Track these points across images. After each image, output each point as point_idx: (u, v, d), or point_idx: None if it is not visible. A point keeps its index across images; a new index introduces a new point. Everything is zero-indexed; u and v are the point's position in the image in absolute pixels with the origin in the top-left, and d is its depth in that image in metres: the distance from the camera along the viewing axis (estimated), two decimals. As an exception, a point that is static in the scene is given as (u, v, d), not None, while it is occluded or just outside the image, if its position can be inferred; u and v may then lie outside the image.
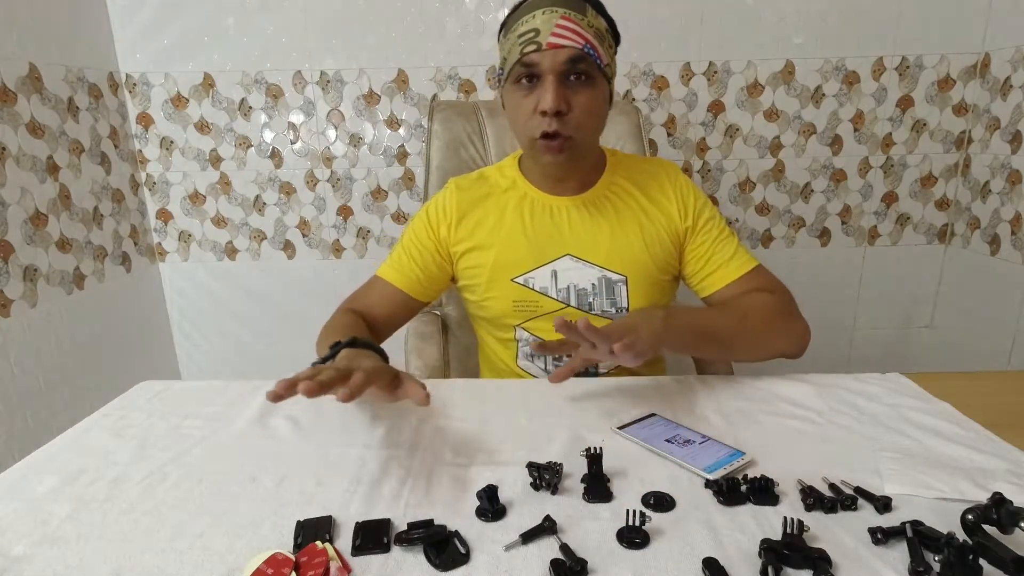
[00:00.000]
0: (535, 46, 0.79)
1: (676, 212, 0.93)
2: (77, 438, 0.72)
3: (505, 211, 0.94)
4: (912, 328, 1.94)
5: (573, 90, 0.81)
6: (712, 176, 1.80)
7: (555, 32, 0.78)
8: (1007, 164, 1.62)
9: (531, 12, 0.81)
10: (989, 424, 0.71)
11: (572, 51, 0.79)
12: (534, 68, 0.80)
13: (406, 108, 1.74)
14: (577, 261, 0.92)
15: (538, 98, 0.81)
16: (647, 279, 0.92)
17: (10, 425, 1.33)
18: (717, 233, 0.93)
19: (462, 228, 0.94)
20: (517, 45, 0.81)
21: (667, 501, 0.57)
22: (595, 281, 0.91)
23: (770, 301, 0.88)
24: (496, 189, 0.96)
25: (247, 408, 0.79)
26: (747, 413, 0.75)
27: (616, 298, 0.92)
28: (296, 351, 1.95)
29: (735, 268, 0.91)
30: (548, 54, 0.79)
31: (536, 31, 0.79)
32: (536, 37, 0.79)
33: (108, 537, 0.54)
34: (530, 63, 0.80)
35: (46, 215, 1.45)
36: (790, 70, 1.71)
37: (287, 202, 1.83)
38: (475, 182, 0.98)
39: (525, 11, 0.82)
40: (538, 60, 0.80)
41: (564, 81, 0.80)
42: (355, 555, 0.51)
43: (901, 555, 0.49)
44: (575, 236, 0.92)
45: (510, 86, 0.85)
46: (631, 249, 0.91)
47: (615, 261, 0.91)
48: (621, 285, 0.91)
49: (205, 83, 1.71)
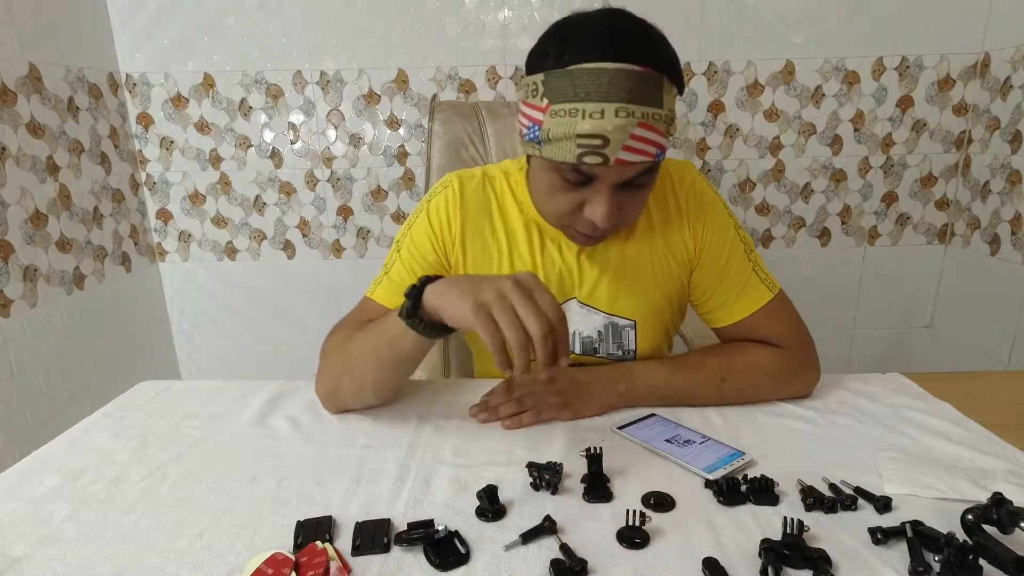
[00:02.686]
0: (600, 159, 0.62)
1: (687, 237, 0.81)
2: (77, 438, 0.72)
3: (512, 241, 0.81)
4: (912, 328, 1.94)
5: (629, 193, 0.69)
6: (712, 176, 1.80)
7: (628, 146, 0.62)
8: (1007, 164, 1.62)
9: (598, 102, 0.61)
10: (989, 424, 0.71)
11: (642, 166, 0.65)
12: (590, 174, 0.66)
13: (406, 108, 1.74)
14: (583, 307, 0.82)
15: (584, 198, 0.68)
16: (656, 319, 0.84)
17: (10, 425, 1.33)
18: (726, 261, 0.80)
19: (467, 242, 0.81)
20: (573, 144, 0.62)
21: (667, 501, 0.57)
22: (601, 328, 0.83)
23: (767, 360, 0.78)
24: (503, 205, 0.82)
25: (247, 408, 0.79)
26: (747, 413, 0.75)
27: (623, 342, 0.84)
28: (296, 351, 1.96)
29: (742, 307, 0.80)
30: (614, 170, 0.64)
31: (604, 140, 0.61)
32: (602, 148, 0.62)
33: (108, 537, 0.54)
34: (588, 172, 0.66)
35: (46, 215, 1.45)
36: (790, 70, 1.71)
37: (287, 202, 1.83)
38: (479, 186, 0.83)
39: (589, 91, 0.61)
40: (600, 173, 0.65)
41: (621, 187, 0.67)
42: (355, 555, 0.51)
43: (901, 555, 0.49)
44: (583, 279, 0.81)
45: (546, 166, 0.68)
46: (642, 289, 0.81)
47: (624, 306, 0.82)
48: (629, 330, 0.83)
49: (205, 83, 1.71)
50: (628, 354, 0.85)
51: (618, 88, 0.61)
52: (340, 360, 0.76)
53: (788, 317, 0.81)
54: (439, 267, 0.82)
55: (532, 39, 0.69)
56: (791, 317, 0.81)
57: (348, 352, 0.75)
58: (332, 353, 0.77)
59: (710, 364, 0.78)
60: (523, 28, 1.66)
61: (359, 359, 0.73)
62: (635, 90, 0.61)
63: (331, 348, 0.78)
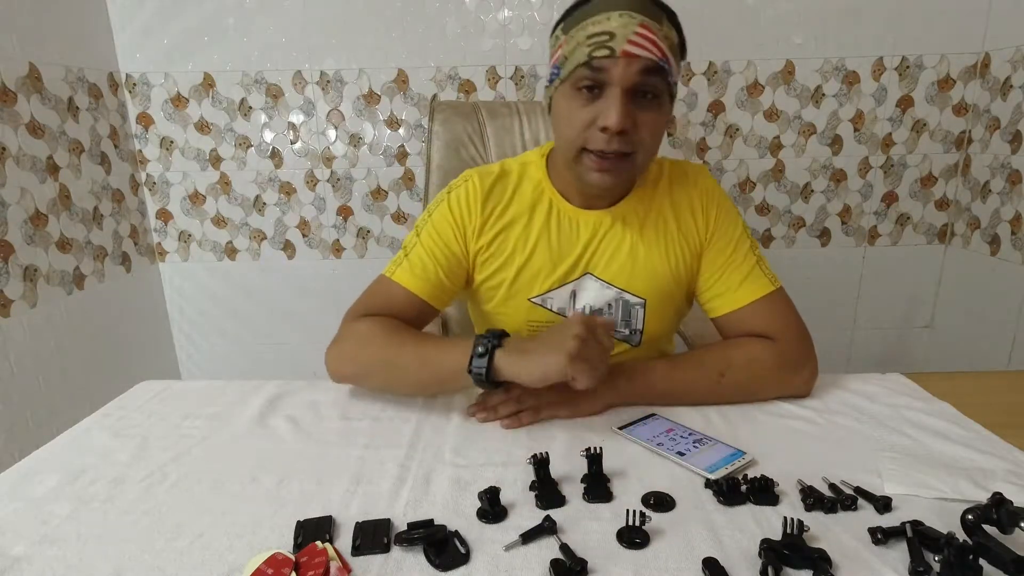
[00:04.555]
0: (607, 51, 0.69)
1: (699, 225, 0.85)
2: (77, 438, 0.72)
3: (531, 224, 0.85)
4: (912, 328, 1.94)
5: (640, 107, 0.73)
6: (712, 176, 1.80)
7: (632, 39, 0.69)
8: (1007, 164, 1.62)
9: (604, 12, 0.71)
10: (989, 424, 0.71)
11: (648, 62, 0.70)
12: (601, 75, 0.71)
13: (406, 108, 1.74)
14: (598, 281, 0.85)
15: (598, 111, 0.72)
16: (666, 300, 0.86)
17: (10, 425, 1.33)
18: (732, 251, 0.83)
19: (485, 234, 0.85)
20: (585, 46, 0.71)
21: (667, 501, 0.57)
22: (612, 301, 0.85)
23: (765, 353, 0.79)
24: (520, 192, 0.86)
25: (247, 408, 0.79)
26: (747, 413, 0.75)
27: (632, 320, 0.86)
28: (296, 351, 1.96)
29: (744, 294, 0.82)
30: (621, 62, 0.70)
31: (610, 34, 0.69)
32: (609, 41, 0.69)
33: (108, 537, 0.54)
34: (599, 68, 0.71)
35: (46, 215, 1.44)
36: (790, 70, 1.71)
37: (287, 202, 1.83)
38: (498, 180, 0.86)
39: (597, 8, 0.72)
40: (608, 67, 0.70)
41: (632, 97, 0.72)
42: (355, 555, 0.51)
43: (901, 555, 0.49)
44: (599, 254, 0.85)
45: (567, 90, 0.75)
46: (654, 270, 0.84)
47: (637, 283, 0.85)
48: (639, 308, 0.85)
49: (205, 83, 1.71)
50: (634, 334, 0.87)
51: (621, 1, 0.71)
52: (379, 360, 0.78)
53: (787, 311, 0.83)
54: (459, 255, 0.85)
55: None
56: (790, 311, 0.83)
57: (391, 362, 0.77)
58: (369, 345, 0.79)
59: (708, 359, 0.80)
60: (523, 28, 1.66)
61: (401, 373, 0.78)
62: (635, 4, 0.71)
63: (366, 337, 0.79)
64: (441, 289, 0.85)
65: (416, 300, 0.83)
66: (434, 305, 0.85)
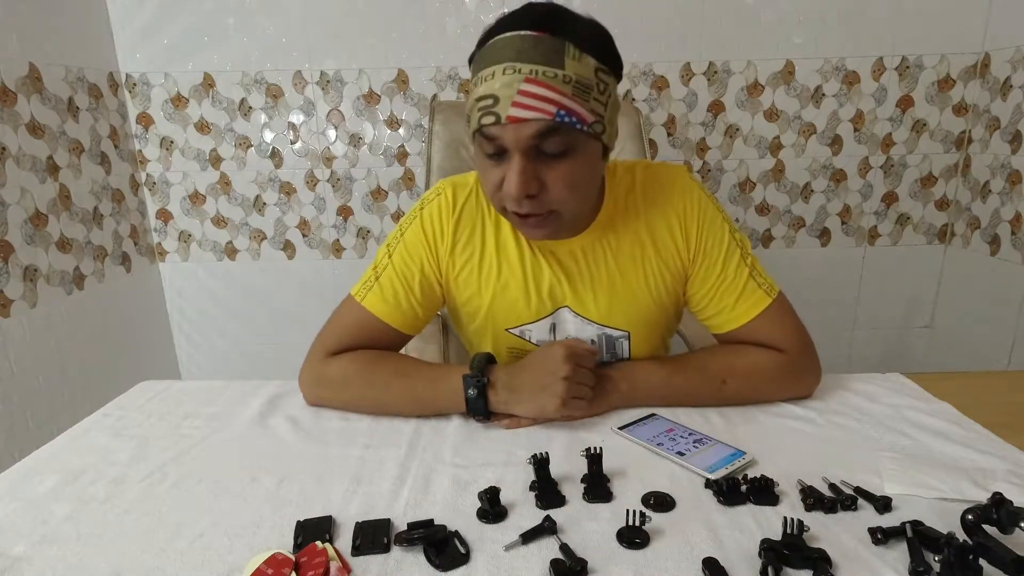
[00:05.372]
0: (493, 118, 0.63)
1: (680, 247, 0.79)
2: (77, 438, 0.72)
3: (502, 253, 0.80)
4: (912, 328, 1.94)
5: (548, 165, 0.66)
6: (712, 176, 1.80)
7: (516, 102, 0.62)
8: (1007, 164, 1.62)
9: (490, 67, 0.64)
10: (989, 424, 0.71)
11: (539, 124, 0.63)
12: (497, 141, 0.65)
13: (406, 108, 1.74)
14: (576, 316, 0.81)
15: (504, 172, 0.67)
16: (651, 329, 0.83)
17: (10, 425, 1.33)
18: (721, 268, 0.78)
19: (458, 257, 0.81)
20: (476, 110, 0.65)
21: (667, 501, 0.57)
22: (595, 338, 0.82)
23: (768, 363, 0.77)
24: (494, 212, 0.81)
25: (247, 408, 0.79)
26: (747, 413, 0.75)
27: (617, 351, 0.83)
28: (296, 351, 1.95)
29: (741, 313, 0.78)
30: (509, 129, 0.64)
31: (495, 98, 0.63)
32: (494, 107, 0.63)
33: (108, 537, 0.54)
34: (490, 136, 0.65)
35: (46, 215, 1.44)
36: (790, 70, 1.71)
37: (287, 202, 1.83)
38: (471, 196, 0.81)
39: (484, 62, 0.65)
40: (498, 134, 0.65)
41: (535, 155, 0.66)
42: (355, 555, 0.51)
43: (901, 555, 0.49)
44: (573, 288, 0.80)
45: (478, 147, 0.70)
46: (634, 300, 0.80)
47: (617, 317, 0.80)
48: (623, 340, 0.82)
49: (205, 83, 1.71)
50: None
51: (506, 50, 0.64)
52: (362, 399, 0.78)
53: (788, 321, 0.80)
54: (432, 278, 0.82)
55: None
56: (791, 321, 0.80)
57: (377, 400, 0.77)
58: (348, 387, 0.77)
59: (711, 366, 0.78)
60: (523, 28, 1.66)
61: (390, 409, 0.77)
62: (523, 51, 0.63)
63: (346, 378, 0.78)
64: (414, 317, 0.82)
65: (388, 329, 0.80)
66: (407, 332, 0.83)
